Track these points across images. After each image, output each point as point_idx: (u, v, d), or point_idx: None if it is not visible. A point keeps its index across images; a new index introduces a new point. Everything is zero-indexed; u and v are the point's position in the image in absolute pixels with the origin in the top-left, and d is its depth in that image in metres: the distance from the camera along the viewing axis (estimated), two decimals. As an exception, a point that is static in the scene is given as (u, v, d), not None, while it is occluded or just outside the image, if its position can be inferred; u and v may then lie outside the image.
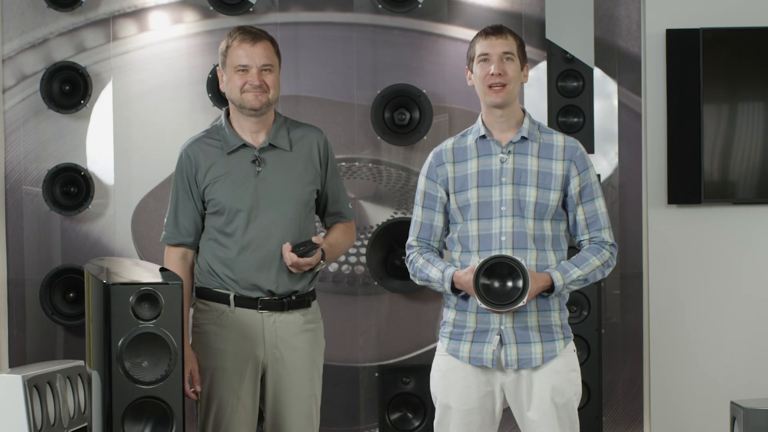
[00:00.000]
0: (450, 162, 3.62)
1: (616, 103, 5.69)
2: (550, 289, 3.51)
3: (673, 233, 5.65)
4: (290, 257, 3.74)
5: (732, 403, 4.60)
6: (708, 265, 5.65)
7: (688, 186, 5.57)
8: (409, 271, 3.68)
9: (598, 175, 5.43)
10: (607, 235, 3.61)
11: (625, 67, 5.69)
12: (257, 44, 3.78)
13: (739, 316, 5.64)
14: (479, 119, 3.63)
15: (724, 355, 5.63)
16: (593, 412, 5.27)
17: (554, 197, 3.56)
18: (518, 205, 3.54)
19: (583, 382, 5.01)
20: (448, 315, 3.63)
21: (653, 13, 5.64)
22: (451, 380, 3.59)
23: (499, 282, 3.43)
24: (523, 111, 3.63)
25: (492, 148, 3.58)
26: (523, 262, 3.41)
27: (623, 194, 5.69)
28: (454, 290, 3.55)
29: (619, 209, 5.66)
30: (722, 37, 5.54)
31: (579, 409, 3.62)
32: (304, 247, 3.76)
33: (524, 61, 3.62)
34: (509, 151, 3.57)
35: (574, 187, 3.58)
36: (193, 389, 3.75)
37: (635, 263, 5.67)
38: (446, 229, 3.67)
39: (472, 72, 3.61)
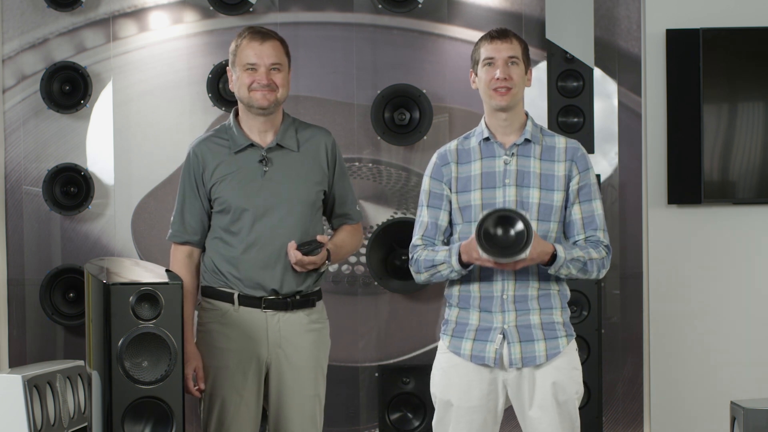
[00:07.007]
0: (454, 162, 3.63)
1: (616, 103, 5.69)
2: (551, 260, 3.47)
3: (673, 233, 5.65)
4: (294, 255, 3.75)
5: (732, 403, 4.60)
6: (708, 265, 5.65)
7: (688, 186, 5.57)
8: (412, 270, 3.65)
9: (598, 176, 5.43)
10: (602, 236, 3.60)
11: (625, 67, 5.69)
12: (266, 43, 3.79)
13: (740, 316, 5.64)
14: (482, 122, 3.64)
15: (725, 355, 5.63)
16: (593, 412, 5.27)
17: (558, 197, 3.57)
18: (521, 206, 3.54)
19: (583, 382, 5.00)
20: (451, 314, 3.62)
21: (653, 13, 5.64)
22: (452, 378, 3.58)
23: (503, 232, 3.38)
24: (526, 114, 3.64)
25: (496, 151, 3.59)
26: (527, 215, 3.39)
27: (623, 194, 5.69)
28: (462, 265, 3.50)
29: (619, 209, 5.66)
30: (722, 37, 5.54)
31: (579, 409, 3.62)
32: (308, 246, 3.77)
33: (528, 65, 3.63)
34: (513, 153, 3.58)
35: (572, 186, 3.59)
36: (197, 387, 3.76)
37: (635, 263, 5.67)
38: (450, 228, 3.66)
39: (476, 75, 3.62)
